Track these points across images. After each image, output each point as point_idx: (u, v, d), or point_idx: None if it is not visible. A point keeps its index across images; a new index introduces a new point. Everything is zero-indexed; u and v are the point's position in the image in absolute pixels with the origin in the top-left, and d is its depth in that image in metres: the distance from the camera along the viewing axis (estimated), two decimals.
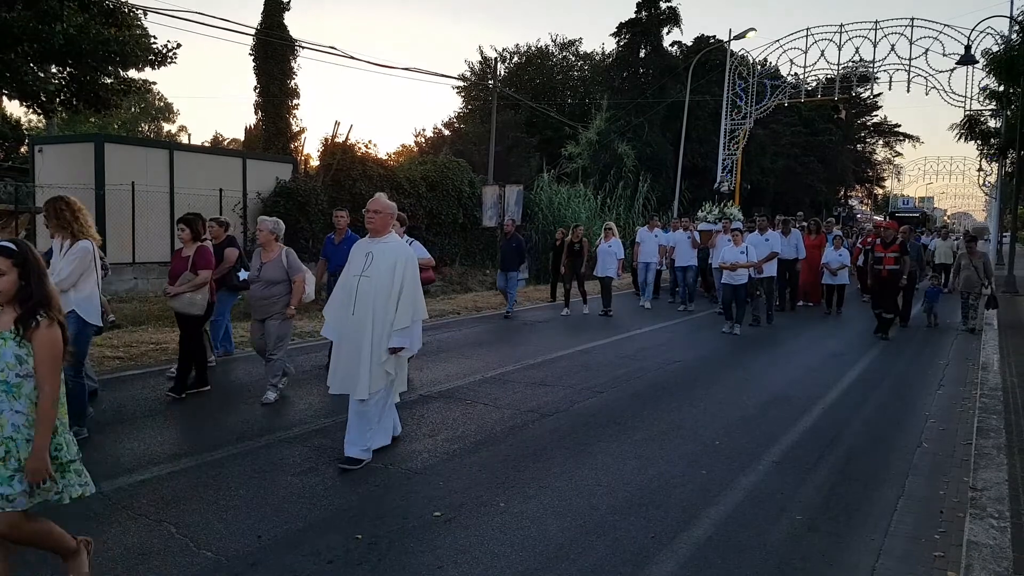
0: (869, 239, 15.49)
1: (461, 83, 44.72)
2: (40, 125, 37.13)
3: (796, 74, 27.53)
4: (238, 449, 5.81)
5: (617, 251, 14.83)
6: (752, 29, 27.53)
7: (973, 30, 22.86)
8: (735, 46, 28.72)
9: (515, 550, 4.21)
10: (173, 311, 7.55)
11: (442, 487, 5.13)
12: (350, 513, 4.65)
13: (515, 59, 47.58)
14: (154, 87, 48.84)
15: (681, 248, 15.86)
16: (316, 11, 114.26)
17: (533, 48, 47.78)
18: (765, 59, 28.45)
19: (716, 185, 22.02)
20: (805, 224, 17.90)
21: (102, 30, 15.05)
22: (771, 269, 13.83)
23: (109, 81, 16.93)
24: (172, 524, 4.41)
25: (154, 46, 16.61)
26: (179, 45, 16.77)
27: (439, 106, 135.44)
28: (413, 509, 4.73)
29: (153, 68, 16.97)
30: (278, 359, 7.30)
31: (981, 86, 23.39)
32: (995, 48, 20.11)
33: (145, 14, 16.75)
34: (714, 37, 39.47)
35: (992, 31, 22.64)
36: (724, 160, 28.48)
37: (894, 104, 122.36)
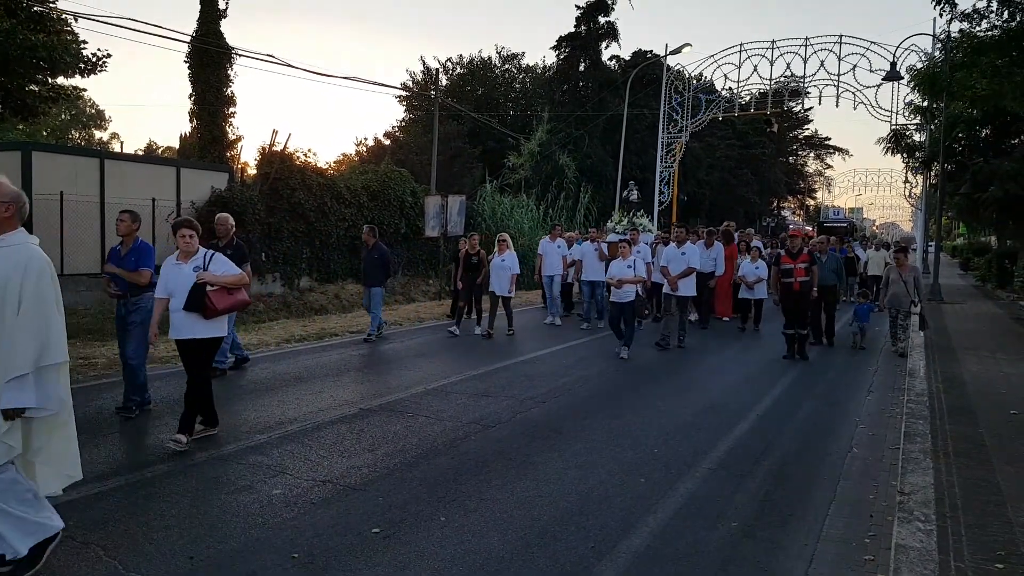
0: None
1: (403, 93, 44.57)
2: None
3: (730, 89, 28.19)
4: (169, 468, 5.65)
5: (512, 265, 13.23)
6: (687, 45, 28.17)
7: (898, 47, 23.79)
8: (671, 61, 29.37)
9: (455, 565, 4.18)
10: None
11: (381, 502, 5.07)
12: (286, 531, 4.56)
13: (458, 70, 47.63)
14: (85, 94, 47.45)
15: (588, 261, 14.35)
16: (254, 21, 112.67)
17: (475, 60, 47.93)
18: (700, 74, 29.19)
19: (625, 194, 21.25)
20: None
21: (29, 36, 14.56)
22: (688, 288, 12.21)
23: (36, 88, 16.41)
24: (100, 546, 4.26)
25: (84, 53, 16.16)
26: (109, 55, 16.35)
27: (380, 116, 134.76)
28: (351, 526, 4.66)
29: (83, 75, 16.53)
30: None
31: (906, 101, 24.35)
32: (919, 65, 20.95)
33: (76, 19, 16.27)
34: (651, 52, 40.18)
35: (916, 48, 23.59)
36: (662, 172, 28.97)
37: (824, 118, 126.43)
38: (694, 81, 28.98)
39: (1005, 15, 10.73)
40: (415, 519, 4.80)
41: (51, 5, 15.44)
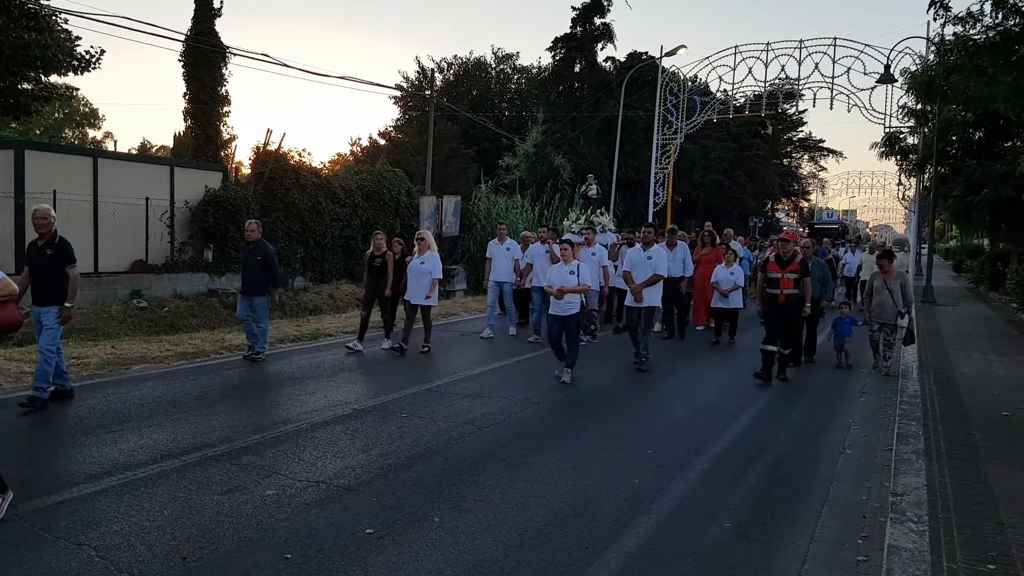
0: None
1: (398, 93, 44.54)
2: None
3: (725, 90, 28.26)
4: (162, 467, 5.63)
5: (433, 269, 11.17)
6: (683, 46, 28.15)
7: (892, 50, 23.83)
8: (666, 63, 29.31)
9: (449, 565, 4.18)
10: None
11: (375, 503, 5.06)
12: (279, 532, 4.54)
13: (453, 70, 47.65)
14: (78, 93, 47.25)
15: (539, 265, 12.60)
16: (249, 20, 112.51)
17: (470, 60, 47.94)
18: (695, 75, 29.12)
19: (583, 188, 19.51)
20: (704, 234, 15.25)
21: (22, 34, 14.52)
22: (654, 298, 10.45)
23: (29, 87, 16.36)
24: (92, 547, 4.24)
25: (77, 51, 16.12)
26: (103, 52, 16.32)
27: (375, 116, 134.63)
28: (345, 526, 4.65)
29: (76, 73, 16.49)
30: None
31: (900, 104, 24.37)
32: (913, 68, 20.97)
33: (66, 20, 16.22)
34: (646, 53, 40.25)
35: (910, 51, 23.72)
36: (656, 174, 28.99)
37: (818, 120, 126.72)
38: (689, 83, 29.00)
39: (999, 17, 10.76)
40: (409, 520, 4.79)
41: (44, 2, 15.39)
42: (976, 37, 11.21)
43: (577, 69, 41.72)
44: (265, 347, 10.44)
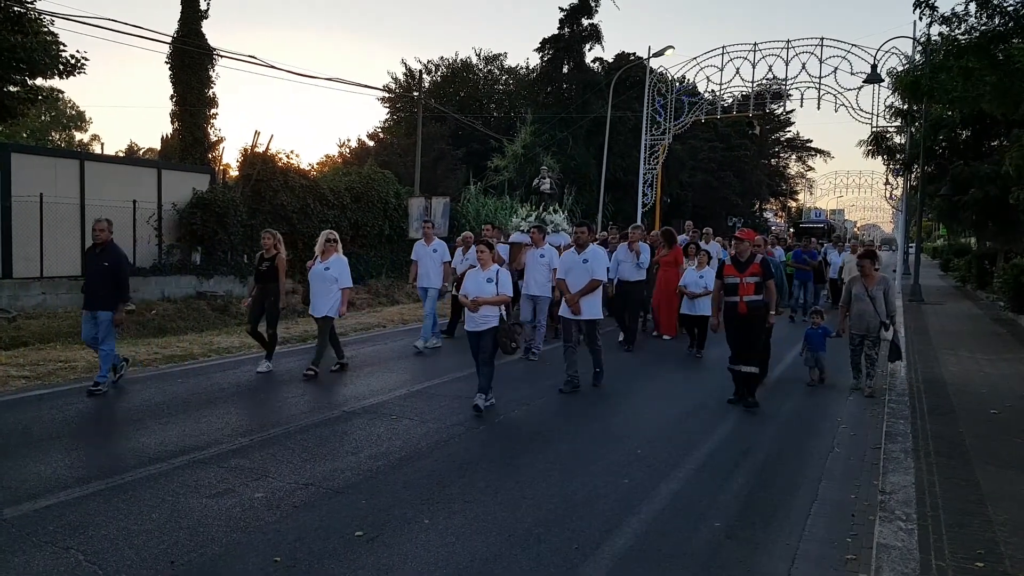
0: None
1: (385, 94, 44.46)
2: None
3: (713, 91, 28.28)
4: (150, 471, 5.59)
5: (339, 275, 9.53)
6: (670, 47, 28.19)
7: (879, 50, 23.92)
8: (654, 63, 29.35)
9: (439, 567, 4.17)
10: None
11: (365, 505, 5.04)
12: (268, 535, 4.52)
13: (440, 70, 47.62)
14: (65, 95, 47.00)
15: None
16: (236, 23, 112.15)
17: (458, 61, 47.92)
18: (683, 76, 29.15)
19: (536, 183, 18.27)
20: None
21: (8, 37, 14.43)
22: (593, 309, 9.01)
23: (15, 89, 16.25)
24: (80, 551, 4.21)
25: (63, 54, 16.02)
26: (87, 58, 16.22)
27: (364, 117, 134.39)
28: (334, 529, 4.64)
29: (62, 77, 16.37)
30: None
31: (887, 104, 24.47)
32: (900, 68, 21.07)
33: (52, 23, 16.10)
34: (634, 54, 40.27)
35: (897, 51, 23.82)
36: (645, 174, 29.04)
37: (806, 120, 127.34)
38: (677, 83, 29.06)
39: (984, 18, 10.82)
40: (399, 522, 4.78)
41: (29, 5, 15.29)
42: (961, 37, 11.27)
43: (565, 70, 41.69)
44: (108, 376, 8.26)
